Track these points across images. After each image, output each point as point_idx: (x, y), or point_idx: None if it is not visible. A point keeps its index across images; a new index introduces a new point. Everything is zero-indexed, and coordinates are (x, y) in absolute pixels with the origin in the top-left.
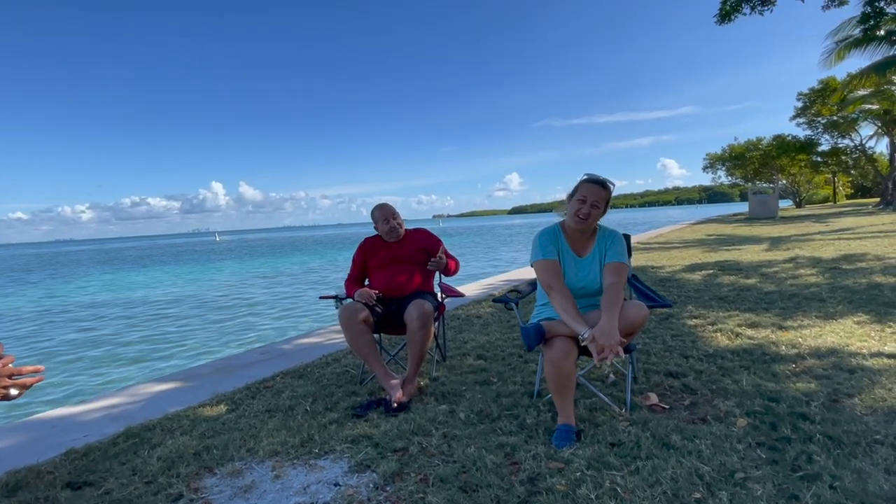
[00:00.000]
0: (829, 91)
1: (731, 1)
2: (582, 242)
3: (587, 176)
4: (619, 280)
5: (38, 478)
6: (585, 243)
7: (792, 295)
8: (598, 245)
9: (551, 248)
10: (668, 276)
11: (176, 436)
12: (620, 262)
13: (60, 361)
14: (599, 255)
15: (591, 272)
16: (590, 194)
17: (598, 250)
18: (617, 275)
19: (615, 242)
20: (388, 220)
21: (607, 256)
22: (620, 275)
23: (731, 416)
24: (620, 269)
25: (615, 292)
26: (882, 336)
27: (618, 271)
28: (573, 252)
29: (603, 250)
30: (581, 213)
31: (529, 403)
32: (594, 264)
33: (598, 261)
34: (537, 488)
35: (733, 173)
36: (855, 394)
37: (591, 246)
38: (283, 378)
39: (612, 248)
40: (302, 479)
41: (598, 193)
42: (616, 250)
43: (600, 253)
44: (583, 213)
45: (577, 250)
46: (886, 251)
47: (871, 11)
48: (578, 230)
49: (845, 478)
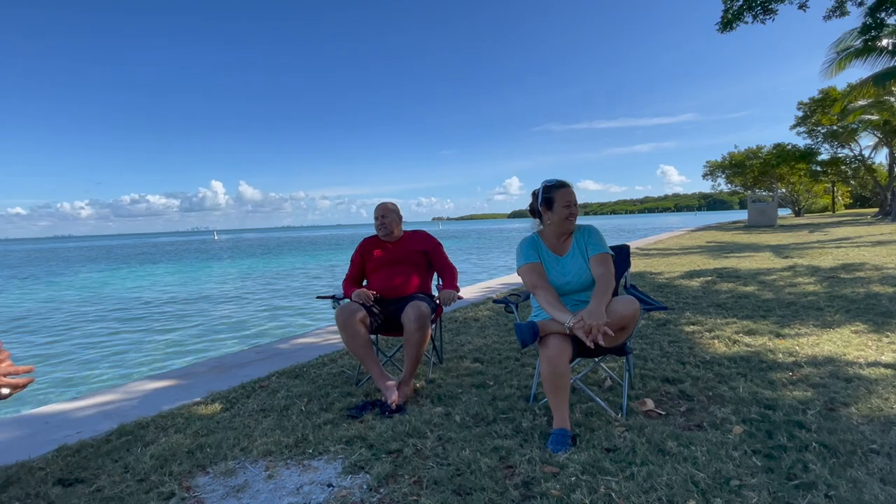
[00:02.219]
0: (829, 101)
1: (733, 9)
2: (560, 244)
3: (550, 183)
4: (606, 269)
5: (29, 474)
6: (563, 244)
7: (790, 303)
8: (576, 241)
9: (532, 253)
10: (667, 283)
11: (169, 434)
12: (604, 252)
13: (51, 358)
14: (580, 249)
15: (573, 267)
16: (571, 198)
17: (577, 246)
18: (603, 264)
19: (592, 235)
20: (379, 216)
21: (589, 250)
22: (607, 264)
23: (727, 424)
24: (606, 259)
25: (605, 281)
26: (879, 345)
27: (603, 261)
28: (554, 254)
29: (583, 245)
30: (570, 216)
31: (525, 407)
32: (575, 259)
33: (580, 255)
34: (531, 493)
35: (733, 181)
36: (851, 403)
37: (569, 244)
38: (279, 378)
39: (591, 241)
40: (295, 479)
41: (573, 194)
42: (595, 243)
43: (580, 248)
44: (572, 216)
45: (557, 251)
46: (885, 261)
47: (872, 22)
48: (564, 232)
49: (841, 487)
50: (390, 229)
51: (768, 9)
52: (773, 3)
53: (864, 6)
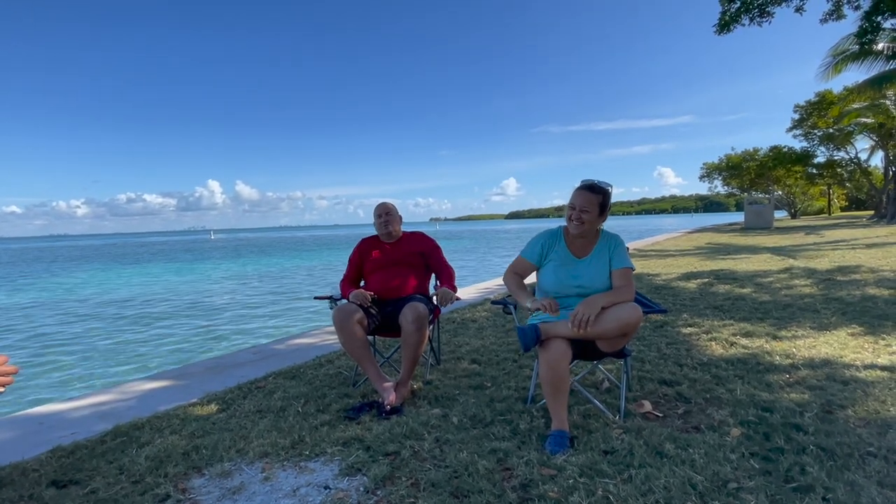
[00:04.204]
0: (825, 104)
1: (730, 12)
2: (581, 245)
3: (581, 183)
4: (626, 283)
5: (23, 475)
6: (585, 246)
7: (786, 305)
8: (600, 249)
9: (539, 249)
10: (664, 284)
11: (165, 435)
12: (627, 267)
13: (45, 357)
14: (601, 258)
15: (588, 273)
16: (577, 201)
17: (600, 254)
18: (624, 279)
19: (618, 248)
20: (381, 215)
21: (613, 263)
22: (627, 278)
23: (724, 426)
24: (627, 273)
25: (621, 291)
26: (876, 348)
27: (624, 275)
28: (571, 254)
29: (607, 255)
30: (572, 218)
31: (523, 409)
32: (593, 266)
33: (600, 263)
34: (529, 495)
35: (730, 183)
36: (848, 405)
37: (592, 249)
38: (276, 378)
39: (616, 253)
40: (292, 481)
41: (587, 198)
42: (620, 256)
43: (602, 257)
44: (574, 219)
45: (576, 252)
46: (880, 263)
47: (869, 26)
48: (578, 235)
49: (838, 490)
50: (391, 229)
51: (765, 11)
52: (769, 5)
53: (860, 10)
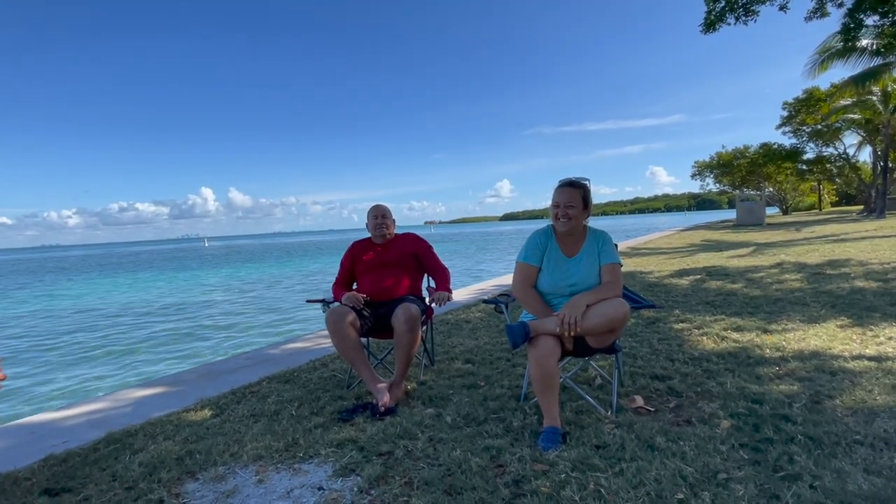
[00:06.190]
0: (813, 101)
1: (715, 11)
2: (570, 243)
3: (559, 182)
4: (613, 279)
5: (15, 484)
6: (574, 244)
7: (777, 299)
8: (588, 246)
9: (536, 251)
10: (657, 281)
11: (159, 441)
12: (614, 262)
13: (36, 365)
14: (591, 255)
15: (579, 270)
16: (561, 198)
17: (589, 251)
18: (611, 274)
19: (606, 244)
20: (377, 216)
21: (601, 258)
22: (615, 273)
23: (715, 418)
24: (614, 269)
25: (608, 287)
26: (863, 339)
27: (612, 271)
28: (562, 252)
29: (595, 252)
30: (559, 216)
31: (516, 406)
32: (583, 264)
33: (590, 261)
34: (522, 490)
35: (721, 181)
36: (836, 395)
37: (581, 247)
38: (270, 383)
39: (604, 250)
40: (286, 483)
41: (569, 194)
42: (608, 252)
43: (592, 254)
44: (561, 216)
45: (566, 251)
46: (869, 257)
47: (852, 23)
48: (567, 232)
49: (825, 477)
50: (387, 231)
51: (750, 10)
52: (754, 4)
53: (843, 7)
